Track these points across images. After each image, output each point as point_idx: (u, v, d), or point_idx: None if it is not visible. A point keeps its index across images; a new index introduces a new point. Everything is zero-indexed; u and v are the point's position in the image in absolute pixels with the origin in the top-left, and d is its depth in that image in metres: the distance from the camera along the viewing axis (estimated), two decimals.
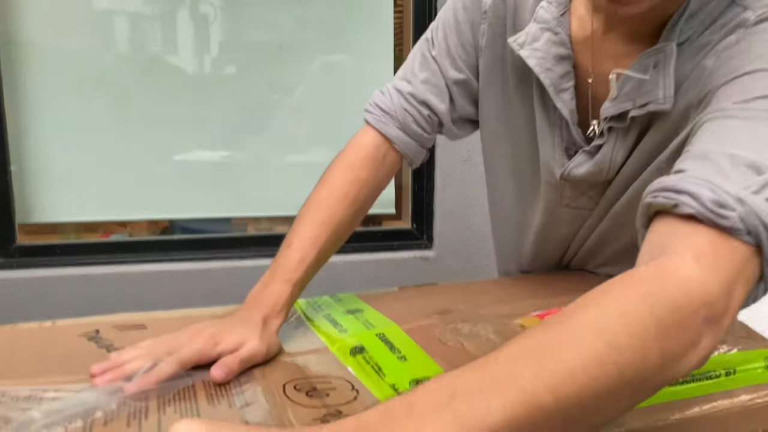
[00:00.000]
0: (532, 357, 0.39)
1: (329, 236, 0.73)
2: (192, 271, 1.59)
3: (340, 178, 0.76)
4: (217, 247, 1.64)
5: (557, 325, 0.41)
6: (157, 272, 1.57)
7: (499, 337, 0.64)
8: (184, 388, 0.57)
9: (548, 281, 0.85)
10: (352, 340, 0.67)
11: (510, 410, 0.37)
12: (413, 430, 0.36)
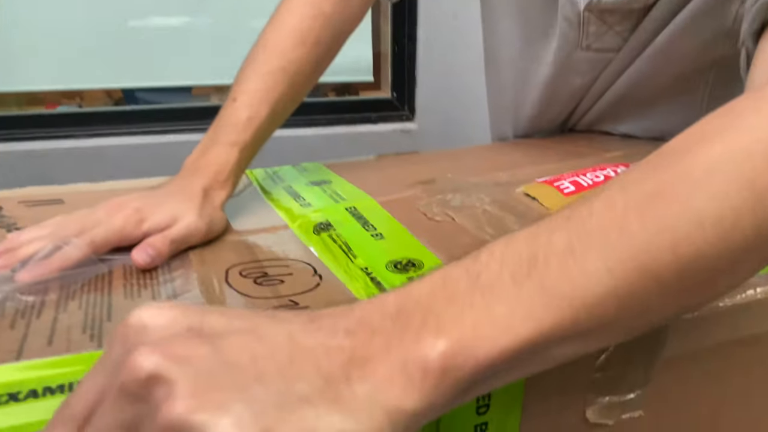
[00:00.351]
0: (641, 206, 0.26)
1: (285, 89, 0.58)
2: (149, 145, 1.44)
3: (298, 14, 0.60)
4: (176, 118, 1.48)
5: (668, 166, 0.27)
6: (109, 147, 1.42)
7: (498, 208, 0.51)
8: (96, 277, 0.44)
9: (551, 145, 0.72)
10: (317, 215, 0.54)
11: (618, 276, 0.25)
12: (481, 308, 0.25)
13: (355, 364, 0.23)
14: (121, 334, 0.24)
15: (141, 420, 0.22)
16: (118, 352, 0.24)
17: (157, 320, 0.24)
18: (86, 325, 0.38)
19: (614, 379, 0.38)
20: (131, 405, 0.22)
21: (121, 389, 0.22)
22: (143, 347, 0.23)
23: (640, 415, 0.40)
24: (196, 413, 0.21)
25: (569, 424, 0.39)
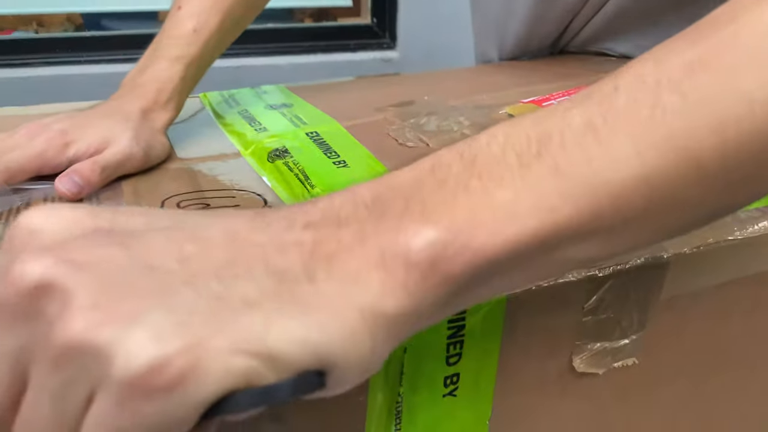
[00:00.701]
0: (679, 79, 0.20)
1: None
2: (113, 74, 1.34)
3: None
4: (141, 45, 1.38)
5: (711, 34, 0.21)
6: (70, 76, 1.33)
7: (478, 131, 0.45)
8: (9, 210, 0.38)
9: (539, 67, 0.65)
10: (273, 141, 0.48)
11: (650, 161, 0.19)
12: (479, 192, 0.19)
13: (318, 260, 0.19)
14: (6, 244, 0.19)
15: (30, 344, 0.17)
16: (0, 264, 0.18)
17: (51, 221, 0.19)
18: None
19: (606, 324, 0.34)
20: (14, 328, 0.17)
21: (2, 307, 0.17)
22: (29, 253, 0.17)
23: (634, 363, 0.35)
24: (100, 328, 0.16)
25: (553, 375, 0.34)
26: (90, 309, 0.16)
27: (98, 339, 0.16)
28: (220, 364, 0.16)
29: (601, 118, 0.20)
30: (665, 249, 0.33)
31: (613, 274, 0.32)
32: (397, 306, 0.18)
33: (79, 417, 0.17)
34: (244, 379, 0.16)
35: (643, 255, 0.33)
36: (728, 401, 0.41)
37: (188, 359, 0.16)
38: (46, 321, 0.16)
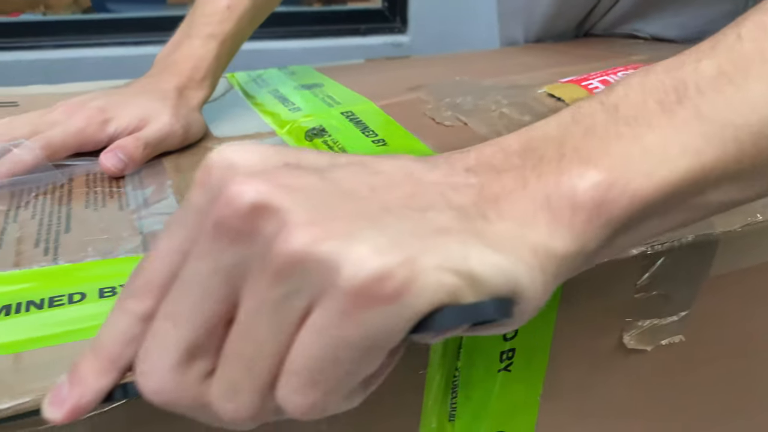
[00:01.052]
0: None
1: None
2: (123, 57, 1.34)
3: None
4: (151, 28, 1.37)
5: None
6: (78, 59, 1.32)
7: (518, 110, 0.45)
8: (52, 185, 0.38)
9: (566, 50, 0.65)
10: (309, 120, 0.47)
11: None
12: (629, 138, 0.20)
13: (487, 202, 0.19)
14: (203, 178, 0.19)
15: (246, 262, 0.17)
16: (201, 196, 0.18)
17: (246, 156, 0.19)
18: (40, 238, 0.32)
19: (656, 301, 0.34)
20: (231, 246, 0.17)
21: (217, 228, 0.17)
22: (241, 177, 0.17)
23: (680, 341, 0.36)
24: (321, 242, 0.16)
25: (604, 351, 0.34)
26: (308, 225, 0.16)
27: (321, 252, 0.16)
28: (433, 279, 0.16)
29: (732, 65, 0.20)
30: (714, 226, 0.33)
31: (666, 251, 0.32)
32: (565, 246, 0.19)
33: (295, 327, 0.17)
34: (451, 296, 0.17)
35: (693, 232, 0.33)
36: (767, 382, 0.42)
37: (407, 272, 0.16)
38: (264, 239, 0.17)
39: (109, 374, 0.19)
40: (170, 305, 0.18)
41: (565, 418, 0.35)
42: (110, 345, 0.19)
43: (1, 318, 0.25)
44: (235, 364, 0.18)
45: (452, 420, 0.32)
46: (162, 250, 0.19)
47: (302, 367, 0.17)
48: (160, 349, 0.18)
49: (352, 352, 0.17)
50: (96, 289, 0.27)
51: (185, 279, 0.18)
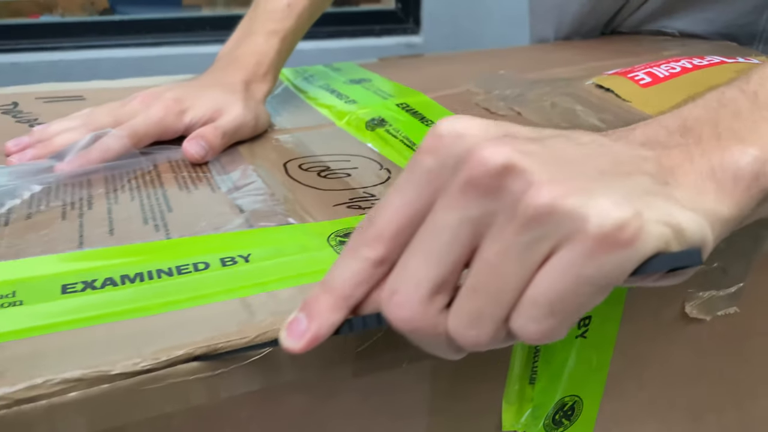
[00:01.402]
0: None
1: None
2: (141, 58, 1.36)
3: None
4: (169, 29, 1.39)
5: None
6: (96, 60, 1.34)
7: (570, 101, 0.47)
8: (141, 171, 0.40)
9: (599, 46, 0.68)
10: (366, 111, 0.50)
11: None
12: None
13: (665, 171, 0.22)
14: (431, 145, 0.22)
15: (492, 213, 0.20)
16: (435, 160, 0.22)
17: (471, 127, 0.22)
18: (147, 217, 0.34)
19: (717, 273, 0.36)
20: (478, 200, 0.20)
21: (467, 184, 0.20)
22: (489, 142, 0.20)
23: (735, 312, 0.38)
24: (567, 197, 0.19)
25: (666, 321, 0.36)
26: (552, 184, 0.19)
27: (568, 205, 0.19)
28: (655, 230, 0.19)
29: None
30: None
31: None
32: (729, 211, 0.22)
33: (537, 267, 0.20)
34: (664, 245, 0.20)
35: None
36: None
37: (638, 223, 0.19)
38: (511, 195, 0.20)
39: (341, 311, 0.23)
40: (420, 248, 0.21)
41: (628, 384, 0.38)
42: (343, 285, 0.23)
43: (137, 284, 0.28)
44: (481, 296, 0.21)
45: (532, 383, 0.34)
46: (393, 206, 0.22)
47: (544, 298, 0.20)
48: (413, 285, 0.21)
49: (590, 288, 0.20)
50: (217, 259, 0.29)
51: (435, 226, 0.21)
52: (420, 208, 0.22)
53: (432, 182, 0.21)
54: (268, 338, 0.25)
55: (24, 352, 0.23)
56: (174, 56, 1.38)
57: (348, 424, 0.29)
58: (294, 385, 0.27)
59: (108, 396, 0.23)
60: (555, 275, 0.20)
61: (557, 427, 0.36)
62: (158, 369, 0.24)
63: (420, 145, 0.22)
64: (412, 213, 0.22)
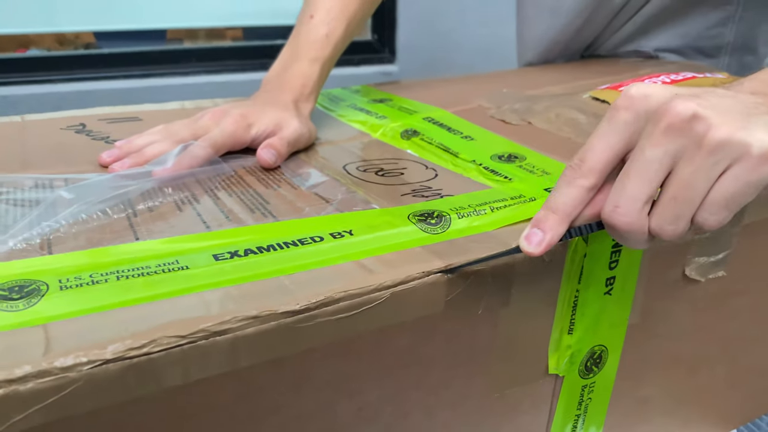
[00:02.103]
0: None
1: (358, 6, 0.61)
2: (129, 89, 1.41)
3: None
4: (155, 62, 1.45)
5: None
6: (86, 92, 1.38)
7: (571, 111, 0.56)
8: (224, 176, 0.47)
9: (582, 67, 0.77)
10: (397, 124, 0.58)
11: None
12: None
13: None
14: (626, 103, 0.32)
15: (683, 148, 0.30)
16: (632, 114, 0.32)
17: (654, 89, 0.32)
18: (251, 207, 0.41)
19: (708, 242, 0.45)
20: (676, 139, 0.30)
21: (668, 128, 0.30)
22: (676, 99, 0.31)
23: (723, 275, 0.47)
24: (735, 133, 0.29)
25: (671, 280, 0.45)
26: (724, 125, 0.29)
27: (736, 137, 0.29)
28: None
29: None
30: None
31: None
32: None
33: (715, 180, 0.30)
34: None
35: None
36: None
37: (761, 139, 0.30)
38: (695, 134, 0.30)
39: (565, 224, 0.33)
40: (634, 174, 0.31)
41: (641, 337, 0.46)
42: (565, 206, 0.33)
43: (272, 252, 0.34)
44: (678, 203, 0.31)
45: (570, 333, 0.42)
46: (599, 148, 0.32)
47: (722, 198, 0.30)
48: (631, 200, 0.31)
49: (751, 189, 0.30)
50: (328, 234, 0.36)
51: (645, 158, 0.31)
52: (621, 148, 0.32)
53: (629, 129, 0.31)
54: (383, 288, 0.32)
55: (212, 298, 0.30)
56: (162, 87, 1.44)
57: (437, 362, 0.37)
58: (400, 326, 0.34)
59: (275, 331, 0.30)
60: (729, 182, 0.30)
61: (588, 373, 0.44)
62: (312, 309, 0.30)
63: (615, 103, 0.32)
64: (615, 153, 0.32)
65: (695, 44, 0.75)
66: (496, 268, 0.36)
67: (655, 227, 0.32)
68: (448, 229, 0.38)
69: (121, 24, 1.49)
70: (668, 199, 0.31)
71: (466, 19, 1.52)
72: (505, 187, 0.44)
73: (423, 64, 1.54)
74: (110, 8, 1.43)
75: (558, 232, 0.33)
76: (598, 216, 0.33)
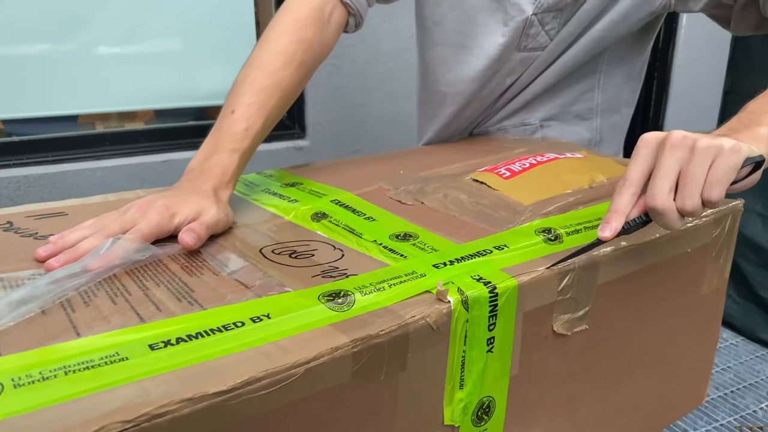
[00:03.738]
0: None
1: (275, 103, 0.69)
2: (41, 175, 1.42)
3: (286, 38, 0.71)
4: (66, 147, 1.47)
5: None
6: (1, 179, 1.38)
7: (456, 192, 0.65)
8: (151, 263, 0.52)
9: (466, 147, 0.88)
10: (308, 208, 0.65)
11: None
12: None
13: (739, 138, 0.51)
14: (643, 143, 0.51)
15: (683, 155, 0.49)
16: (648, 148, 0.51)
17: (657, 132, 0.52)
18: (177, 297, 0.46)
19: (571, 302, 0.54)
20: (677, 151, 0.49)
21: (673, 146, 0.49)
22: (673, 131, 0.51)
23: (585, 328, 0.56)
24: (712, 141, 0.49)
25: (544, 335, 0.53)
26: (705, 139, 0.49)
27: (713, 143, 0.49)
28: (745, 149, 0.49)
29: None
30: (596, 255, 0.55)
31: (570, 270, 0.53)
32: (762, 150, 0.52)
33: (708, 168, 0.49)
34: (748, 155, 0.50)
35: (587, 256, 0.54)
36: (641, 352, 0.63)
37: (743, 147, 0.49)
38: (689, 145, 0.49)
39: (622, 218, 0.51)
40: (661, 175, 0.49)
41: (523, 385, 0.54)
42: (621, 207, 0.51)
43: (200, 339, 0.40)
44: (690, 186, 0.48)
45: (461, 388, 0.49)
46: (636, 171, 0.51)
47: (715, 178, 0.48)
48: (663, 190, 0.49)
49: (731, 170, 0.48)
50: (248, 318, 0.42)
51: (667, 165, 0.49)
52: (646, 168, 0.51)
53: (649, 156, 0.51)
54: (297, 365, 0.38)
55: (151, 384, 0.35)
56: (75, 172, 1.45)
57: (348, 423, 0.43)
58: (314, 396, 0.40)
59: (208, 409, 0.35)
60: (716, 168, 0.48)
61: (480, 422, 0.51)
62: (239, 388, 0.36)
63: (638, 144, 0.51)
64: (643, 171, 0.51)
65: (571, 110, 0.88)
66: (393, 339, 0.43)
67: (680, 205, 0.49)
68: (353, 306, 0.45)
69: (31, 111, 1.50)
70: (683, 185, 0.49)
71: (372, 95, 1.64)
72: (400, 264, 0.52)
73: (333, 138, 1.64)
74: (20, 95, 1.45)
75: (619, 223, 0.51)
76: (642, 211, 0.51)
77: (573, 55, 0.82)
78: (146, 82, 1.58)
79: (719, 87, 2.25)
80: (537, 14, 0.79)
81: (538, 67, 0.83)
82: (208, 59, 1.59)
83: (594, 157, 0.74)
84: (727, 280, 0.69)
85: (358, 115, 1.65)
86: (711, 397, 1.84)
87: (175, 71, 1.58)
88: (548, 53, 0.82)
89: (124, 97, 1.56)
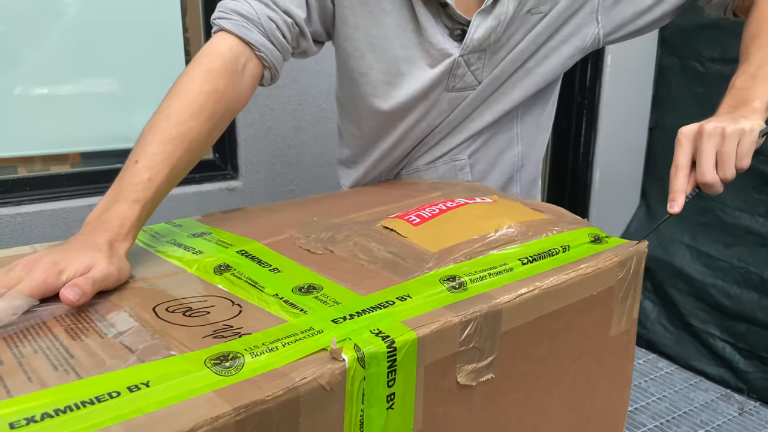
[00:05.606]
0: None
1: (182, 154, 0.67)
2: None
3: (195, 88, 0.69)
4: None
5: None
6: None
7: (365, 239, 0.65)
8: (33, 325, 0.49)
9: (384, 191, 0.88)
10: (212, 259, 0.63)
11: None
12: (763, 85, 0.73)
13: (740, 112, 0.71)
14: (682, 136, 0.69)
15: (717, 140, 0.68)
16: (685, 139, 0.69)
17: (692, 125, 0.70)
18: (54, 365, 0.43)
19: (475, 351, 0.53)
20: (711, 138, 0.68)
21: (708, 134, 0.68)
22: (705, 122, 0.69)
23: (491, 377, 0.55)
24: (735, 127, 0.68)
25: (447, 387, 0.52)
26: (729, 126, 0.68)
27: (737, 128, 0.68)
28: (757, 124, 0.69)
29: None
30: (499, 302, 0.54)
31: (472, 319, 0.52)
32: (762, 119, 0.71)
33: (737, 146, 0.68)
34: (759, 129, 0.69)
35: (487, 306, 0.54)
36: (552, 398, 0.63)
37: (755, 125, 0.69)
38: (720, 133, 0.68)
39: (683, 195, 0.68)
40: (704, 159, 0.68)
41: None
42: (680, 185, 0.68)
43: (68, 414, 0.37)
44: (727, 160, 0.67)
45: None
46: (681, 157, 0.69)
47: (744, 152, 0.67)
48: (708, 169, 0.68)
49: (753, 145, 0.68)
50: (125, 387, 0.40)
51: (706, 151, 0.68)
52: (690, 153, 0.68)
53: (690, 144, 0.69)
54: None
55: None
56: None
57: None
58: None
59: None
60: (743, 145, 0.67)
61: None
62: None
63: (678, 137, 0.69)
64: (688, 157, 0.69)
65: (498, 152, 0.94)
66: (281, 404, 0.41)
67: (722, 176, 0.67)
68: (241, 370, 0.43)
69: None
70: (722, 162, 0.67)
71: (303, 136, 1.63)
72: (298, 320, 0.50)
73: (266, 178, 1.62)
74: None
75: (682, 199, 0.68)
76: (694, 186, 0.69)
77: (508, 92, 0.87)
78: (74, 123, 1.53)
79: (645, 124, 2.34)
80: (463, 56, 0.81)
81: (469, 106, 0.86)
82: (139, 100, 1.56)
83: (504, 201, 0.75)
84: (636, 320, 0.70)
85: (292, 155, 1.64)
86: (647, 427, 1.86)
87: (105, 112, 1.54)
88: (479, 92, 0.85)
89: (49, 140, 1.51)
